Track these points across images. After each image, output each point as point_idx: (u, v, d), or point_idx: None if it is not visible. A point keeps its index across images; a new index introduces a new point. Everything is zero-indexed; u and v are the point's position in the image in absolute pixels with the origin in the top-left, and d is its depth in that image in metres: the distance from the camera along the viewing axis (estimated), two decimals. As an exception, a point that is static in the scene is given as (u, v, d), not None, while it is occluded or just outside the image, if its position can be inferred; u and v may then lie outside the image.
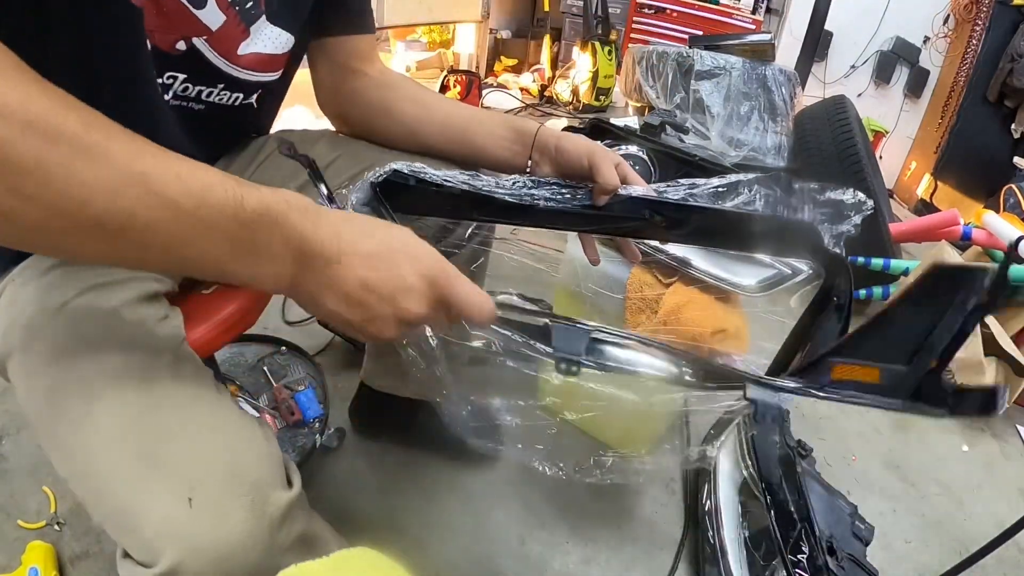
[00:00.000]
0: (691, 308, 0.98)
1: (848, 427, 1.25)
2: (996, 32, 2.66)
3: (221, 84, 0.60)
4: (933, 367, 0.44)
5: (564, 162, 0.66)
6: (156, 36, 0.52)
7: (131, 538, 0.40)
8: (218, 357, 1.08)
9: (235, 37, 0.57)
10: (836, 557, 0.76)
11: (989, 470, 1.22)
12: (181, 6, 0.51)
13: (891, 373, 0.46)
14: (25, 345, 0.46)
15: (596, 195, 0.63)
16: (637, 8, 3.42)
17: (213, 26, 0.55)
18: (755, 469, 0.89)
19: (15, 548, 0.76)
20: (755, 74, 2.25)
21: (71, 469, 0.44)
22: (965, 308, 0.42)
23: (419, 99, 0.72)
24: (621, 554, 0.89)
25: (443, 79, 3.03)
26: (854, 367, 0.46)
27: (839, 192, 0.64)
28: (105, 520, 0.42)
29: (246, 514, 0.40)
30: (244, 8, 0.56)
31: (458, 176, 0.59)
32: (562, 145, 0.66)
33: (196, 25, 0.54)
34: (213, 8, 0.54)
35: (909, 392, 0.46)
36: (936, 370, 0.44)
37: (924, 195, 2.95)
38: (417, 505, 0.92)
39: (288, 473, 0.46)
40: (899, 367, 0.45)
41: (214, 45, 0.56)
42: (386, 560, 0.36)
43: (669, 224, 0.64)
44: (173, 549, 0.38)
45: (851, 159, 1.73)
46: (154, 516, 0.39)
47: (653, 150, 0.99)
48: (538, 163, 0.69)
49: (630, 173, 0.65)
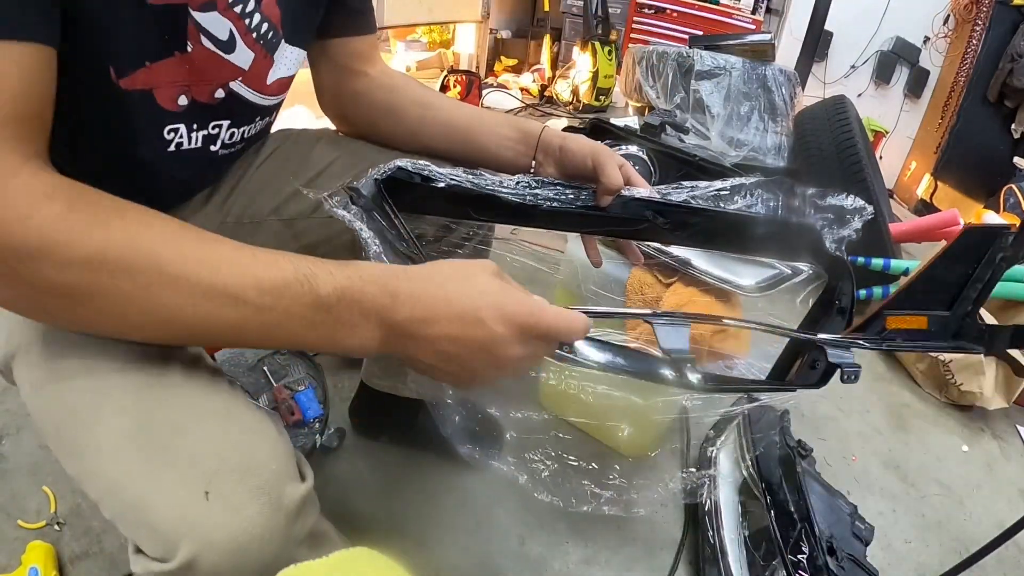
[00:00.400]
0: (691, 308, 0.98)
1: (848, 427, 1.25)
2: (996, 32, 2.66)
3: (257, 117, 0.61)
4: (969, 311, 0.50)
5: (568, 162, 0.66)
6: (195, 91, 0.51)
7: (145, 533, 0.40)
8: (218, 357, 1.08)
9: (264, 69, 0.57)
10: (836, 557, 0.76)
11: (989, 470, 1.22)
12: (212, 55, 0.51)
13: (936, 319, 0.53)
14: (33, 343, 0.47)
15: (600, 196, 0.63)
16: (637, 8, 3.42)
17: (245, 65, 0.54)
18: (755, 469, 0.89)
19: (15, 548, 0.76)
20: (755, 74, 2.25)
21: (80, 467, 0.44)
22: (994, 260, 0.50)
23: (422, 100, 0.72)
24: (621, 554, 0.89)
25: (443, 79, 3.03)
26: (905, 317, 0.53)
27: (840, 197, 0.65)
28: (118, 516, 0.42)
29: (262, 507, 0.40)
30: (267, 39, 0.56)
31: (462, 175, 0.59)
32: (567, 145, 0.66)
33: (230, 69, 0.53)
34: (242, 48, 0.53)
35: (951, 335, 0.52)
36: (971, 314, 0.51)
37: (924, 195, 2.95)
38: (417, 505, 0.92)
39: (300, 467, 0.47)
40: (942, 313, 0.53)
41: (248, 83, 0.56)
42: (386, 560, 0.36)
43: (672, 226, 0.65)
44: (190, 543, 0.38)
45: (851, 159, 1.73)
46: (170, 510, 0.39)
47: (653, 150, 1.00)
48: (542, 163, 0.69)
49: (633, 175, 0.65)
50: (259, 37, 0.54)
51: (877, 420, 1.29)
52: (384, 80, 0.72)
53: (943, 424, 1.33)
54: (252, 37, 0.53)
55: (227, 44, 0.51)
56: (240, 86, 0.56)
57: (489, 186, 0.60)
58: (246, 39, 0.53)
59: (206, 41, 0.49)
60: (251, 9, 0.52)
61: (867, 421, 1.28)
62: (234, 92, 0.55)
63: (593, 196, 0.64)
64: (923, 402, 1.39)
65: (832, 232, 0.64)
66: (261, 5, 0.53)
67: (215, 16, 0.49)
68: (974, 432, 1.32)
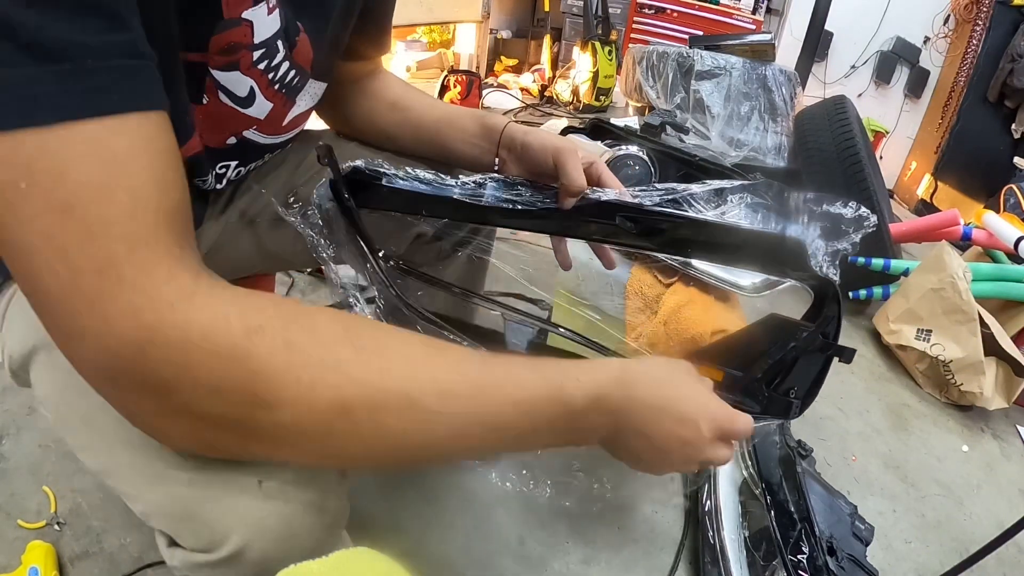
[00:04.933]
0: (691, 308, 0.98)
1: (848, 427, 1.25)
2: (996, 32, 2.66)
3: (267, 154, 0.61)
4: (758, 377, 0.57)
5: (529, 160, 0.63)
6: (206, 137, 0.50)
7: (187, 525, 0.40)
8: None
9: (282, 114, 0.56)
10: (836, 557, 0.76)
11: (989, 470, 1.22)
12: (230, 109, 0.49)
13: (730, 377, 0.58)
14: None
15: (561, 197, 0.59)
16: (637, 8, 3.42)
17: (262, 116, 0.53)
18: (755, 469, 0.89)
19: (15, 548, 0.76)
20: (755, 74, 2.25)
21: (108, 463, 0.43)
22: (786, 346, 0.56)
23: (398, 104, 0.70)
24: (621, 554, 0.89)
25: (443, 79, 3.03)
26: (706, 368, 0.59)
27: (839, 205, 0.61)
28: (153, 511, 0.41)
29: (313, 496, 0.41)
30: (291, 86, 0.53)
31: (419, 175, 0.57)
32: (528, 141, 0.63)
33: (245, 121, 0.52)
34: (260, 100, 0.51)
35: (739, 392, 0.57)
36: (759, 380, 0.57)
37: (924, 195, 2.95)
38: (417, 505, 0.92)
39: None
40: (736, 373, 0.58)
41: (262, 129, 0.55)
42: (386, 560, 0.36)
43: (642, 232, 0.60)
44: (242, 530, 0.38)
45: (851, 159, 1.73)
46: (221, 500, 0.39)
47: (653, 150, 1.00)
48: (505, 161, 0.66)
49: (605, 174, 0.62)
50: (282, 87, 0.52)
51: (877, 420, 1.29)
52: (366, 89, 0.71)
53: (943, 424, 1.33)
54: (274, 89, 0.52)
55: (245, 100, 0.50)
56: (254, 133, 0.55)
57: (442, 187, 0.58)
58: (266, 92, 0.51)
59: (223, 96, 0.48)
60: (278, 61, 0.49)
61: (867, 421, 1.28)
62: (247, 138, 0.54)
63: (555, 197, 0.60)
64: (923, 402, 1.39)
65: (826, 245, 0.59)
66: (293, 52, 0.50)
67: (236, 75, 0.47)
68: (974, 432, 1.32)
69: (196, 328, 0.31)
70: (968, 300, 1.31)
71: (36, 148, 0.28)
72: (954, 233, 1.67)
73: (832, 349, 0.56)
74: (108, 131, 0.29)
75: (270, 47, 0.47)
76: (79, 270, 0.29)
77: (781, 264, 0.58)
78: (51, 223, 0.29)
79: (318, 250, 0.53)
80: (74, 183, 0.29)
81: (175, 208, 0.33)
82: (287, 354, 0.32)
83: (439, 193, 0.58)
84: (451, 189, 0.58)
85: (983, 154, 2.77)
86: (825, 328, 0.56)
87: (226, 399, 0.32)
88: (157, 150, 0.32)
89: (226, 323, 0.32)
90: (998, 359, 1.34)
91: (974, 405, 1.35)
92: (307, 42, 0.51)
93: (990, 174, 2.68)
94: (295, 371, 0.32)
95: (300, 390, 0.32)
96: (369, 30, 0.65)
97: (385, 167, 0.57)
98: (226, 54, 0.45)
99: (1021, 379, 1.31)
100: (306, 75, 0.55)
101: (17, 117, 0.27)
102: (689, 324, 1.01)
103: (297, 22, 0.49)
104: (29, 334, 0.46)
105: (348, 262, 0.57)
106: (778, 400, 0.55)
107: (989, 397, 1.30)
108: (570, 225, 0.63)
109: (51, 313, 0.31)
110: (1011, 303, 1.43)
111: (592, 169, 0.61)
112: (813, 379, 0.58)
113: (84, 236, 0.29)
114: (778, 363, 0.57)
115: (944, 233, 1.68)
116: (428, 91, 1.08)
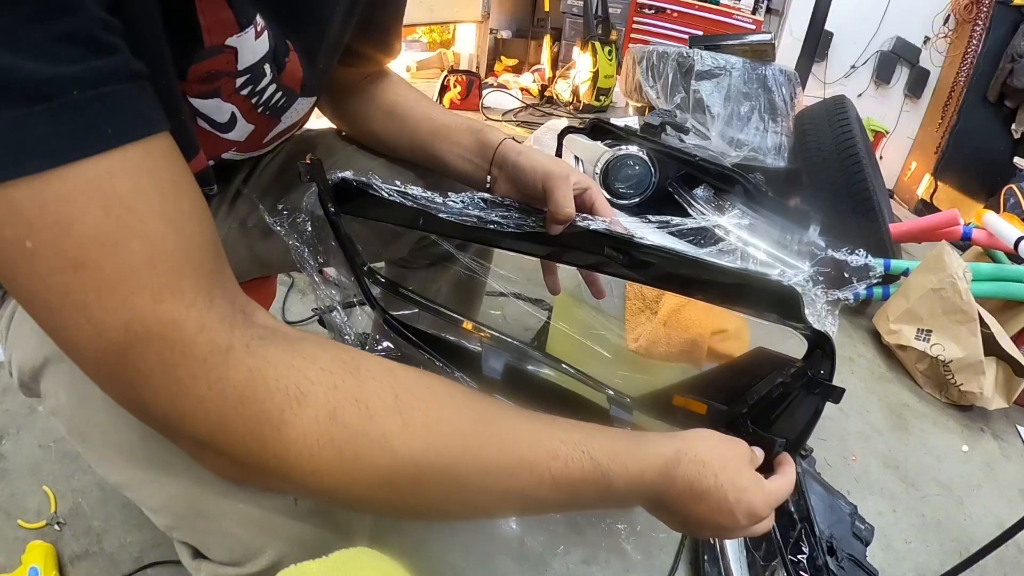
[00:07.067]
0: (691, 308, 0.98)
1: (848, 427, 1.25)
2: (996, 32, 2.66)
3: (248, 168, 0.61)
4: (743, 412, 0.55)
5: (520, 182, 0.59)
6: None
7: (218, 538, 0.39)
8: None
9: (264, 134, 0.54)
10: (836, 557, 0.76)
11: (989, 470, 1.22)
12: (207, 133, 0.47)
13: (713, 409, 0.57)
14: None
15: (548, 223, 0.56)
16: (637, 8, 3.42)
17: (242, 139, 0.51)
18: (755, 469, 0.89)
19: (15, 548, 0.76)
20: (755, 74, 2.25)
21: (129, 477, 0.42)
22: (773, 381, 0.54)
23: (395, 111, 0.68)
24: (621, 554, 0.89)
25: (443, 79, 3.03)
26: (690, 400, 0.59)
27: (843, 252, 0.59)
28: (178, 524, 0.41)
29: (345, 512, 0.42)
30: (276, 107, 0.51)
31: (407, 191, 0.56)
32: (519, 163, 0.59)
33: (225, 144, 0.50)
34: (241, 124, 0.49)
35: (723, 426, 0.55)
36: (744, 415, 0.55)
37: (924, 195, 2.95)
38: (417, 505, 0.92)
39: None
40: (721, 406, 0.57)
41: (241, 150, 0.53)
42: (386, 560, 0.35)
43: (630, 264, 0.58)
44: (277, 546, 0.38)
45: (851, 159, 1.73)
46: (255, 515, 0.39)
47: (653, 150, 0.99)
48: (497, 179, 0.62)
49: (599, 201, 0.59)
50: (267, 109, 0.50)
51: (877, 420, 1.29)
52: (366, 93, 0.69)
53: (943, 424, 1.33)
54: (257, 112, 0.49)
55: (225, 125, 0.48)
56: (233, 154, 0.53)
57: (431, 204, 0.56)
58: (249, 116, 0.49)
59: (202, 122, 0.46)
60: (264, 85, 0.47)
61: (867, 421, 1.28)
62: (225, 160, 0.53)
63: (543, 221, 0.57)
64: (923, 402, 1.39)
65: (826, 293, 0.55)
66: (282, 75, 0.48)
67: (216, 103, 0.45)
68: (974, 432, 1.32)
69: (232, 391, 0.29)
70: (968, 300, 1.31)
71: (34, 201, 0.26)
72: (954, 233, 1.67)
73: (821, 388, 0.52)
74: (108, 172, 0.27)
75: (256, 72, 0.45)
76: (104, 326, 0.27)
77: (774, 310, 0.54)
78: (65, 281, 0.27)
79: (304, 258, 0.52)
80: (80, 236, 0.26)
81: (198, 243, 0.31)
82: (330, 426, 0.31)
83: (427, 210, 0.56)
84: (438, 208, 0.56)
85: (983, 154, 2.77)
86: (814, 367, 0.52)
87: (260, 464, 0.31)
88: (165, 182, 0.30)
89: (265, 390, 0.30)
90: (998, 359, 1.34)
91: (974, 405, 1.35)
92: (297, 62, 0.49)
93: (990, 174, 2.68)
94: (337, 444, 0.31)
95: (342, 462, 0.32)
96: (375, 37, 0.63)
97: (375, 181, 0.55)
98: (206, 82, 0.42)
99: (1021, 379, 1.31)
100: (294, 95, 0.52)
101: (7, 168, 0.25)
102: (689, 324, 1.01)
103: (287, 41, 0.47)
104: (40, 345, 0.45)
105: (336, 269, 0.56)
106: (764, 440, 0.53)
107: (989, 397, 1.30)
108: (557, 251, 0.61)
109: (83, 362, 0.30)
110: (1011, 303, 1.44)
111: (586, 196, 0.59)
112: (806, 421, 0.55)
113: (103, 291, 0.27)
114: (764, 399, 0.54)
115: (944, 233, 1.68)
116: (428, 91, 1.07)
